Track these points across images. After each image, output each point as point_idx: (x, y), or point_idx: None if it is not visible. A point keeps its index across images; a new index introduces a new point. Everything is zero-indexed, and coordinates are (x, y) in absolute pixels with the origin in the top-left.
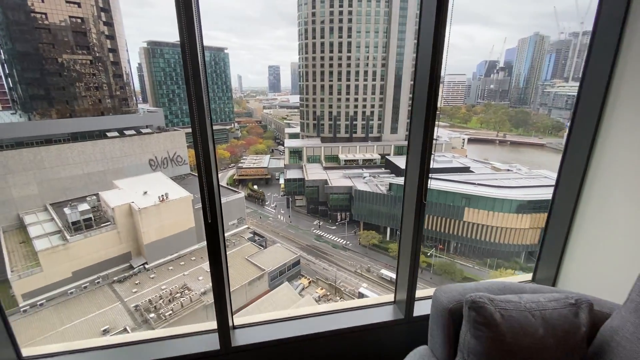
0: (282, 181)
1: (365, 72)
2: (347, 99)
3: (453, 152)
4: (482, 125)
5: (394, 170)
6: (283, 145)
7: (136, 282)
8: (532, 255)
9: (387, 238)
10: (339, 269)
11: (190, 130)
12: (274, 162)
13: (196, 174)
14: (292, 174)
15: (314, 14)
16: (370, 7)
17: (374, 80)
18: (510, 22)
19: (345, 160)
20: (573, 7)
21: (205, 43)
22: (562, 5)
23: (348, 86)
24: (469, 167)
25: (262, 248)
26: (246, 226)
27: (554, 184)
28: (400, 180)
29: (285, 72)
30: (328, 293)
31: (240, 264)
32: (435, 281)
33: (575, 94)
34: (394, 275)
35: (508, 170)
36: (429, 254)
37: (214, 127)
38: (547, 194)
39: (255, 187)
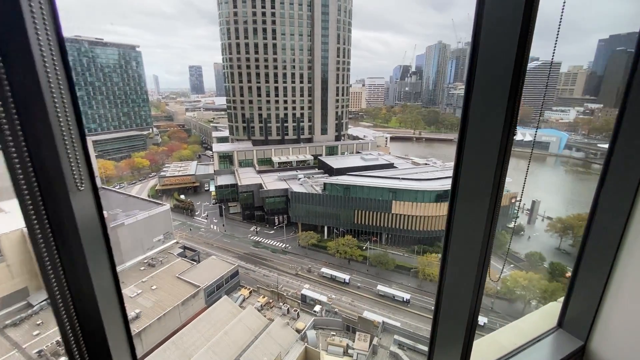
0: (212, 188)
1: (293, 75)
2: (277, 101)
3: (378, 150)
4: (401, 124)
5: (327, 170)
6: (211, 150)
7: (38, 322)
8: None
9: (325, 237)
10: (280, 273)
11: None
12: (202, 168)
13: (112, 188)
14: (224, 179)
15: (235, 14)
16: (293, 10)
17: (301, 82)
18: (419, 31)
19: (279, 163)
20: (467, 20)
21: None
22: (458, 18)
23: (277, 88)
24: (393, 163)
25: (195, 263)
26: (174, 241)
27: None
28: (334, 179)
29: (209, 73)
30: (270, 300)
31: (170, 283)
32: (371, 272)
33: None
34: (335, 274)
35: (426, 164)
36: (364, 248)
37: (128, 133)
38: None
39: (182, 196)
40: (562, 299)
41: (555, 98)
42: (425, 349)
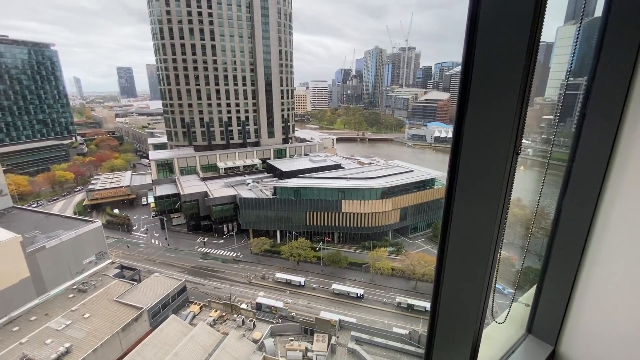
0: (151, 200)
1: (235, 77)
2: (219, 104)
3: (326, 152)
4: (345, 125)
5: (277, 173)
6: (148, 159)
7: None
8: (398, 233)
9: (278, 241)
10: (232, 284)
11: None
12: (138, 178)
13: (27, 207)
14: (164, 189)
15: (168, 13)
16: (232, 11)
17: (244, 85)
18: (357, 36)
19: (225, 169)
20: (399, 27)
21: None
22: (392, 25)
23: (218, 91)
24: (340, 164)
25: (136, 283)
26: (109, 261)
27: (405, 171)
28: (284, 182)
29: (141, 75)
30: (224, 313)
31: (107, 308)
32: (326, 272)
33: (410, 97)
34: (290, 277)
35: (370, 163)
36: (317, 249)
37: (46, 143)
38: (402, 180)
39: (117, 211)
40: (528, 302)
41: None
42: (382, 340)
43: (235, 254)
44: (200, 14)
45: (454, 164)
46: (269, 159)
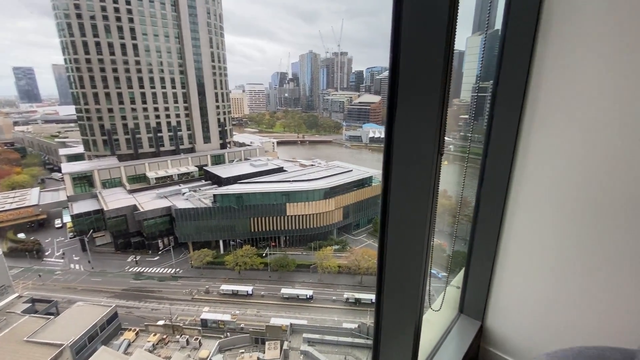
0: (68, 219)
1: (163, 79)
2: (146, 109)
3: (267, 156)
4: (285, 129)
5: (216, 180)
6: (60, 172)
7: None
8: (342, 230)
9: (222, 251)
10: (173, 302)
11: None
12: (48, 195)
13: None
14: (83, 206)
15: (77, 7)
16: (155, 8)
17: (174, 88)
18: (291, 40)
19: (156, 179)
20: (331, 32)
21: None
22: (324, 30)
23: (144, 94)
24: (283, 167)
25: (53, 317)
26: (16, 295)
27: (345, 170)
28: (224, 190)
29: (46, 77)
30: (164, 336)
31: (15, 352)
32: (274, 278)
33: (345, 100)
34: (236, 288)
35: (312, 165)
36: (264, 255)
37: None
38: (342, 179)
39: (22, 235)
40: (458, 285)
41: None
42: (333, 338)
43: (174, 270)
44: (117, 9)
45: (388, 163)
46: (206, 165)
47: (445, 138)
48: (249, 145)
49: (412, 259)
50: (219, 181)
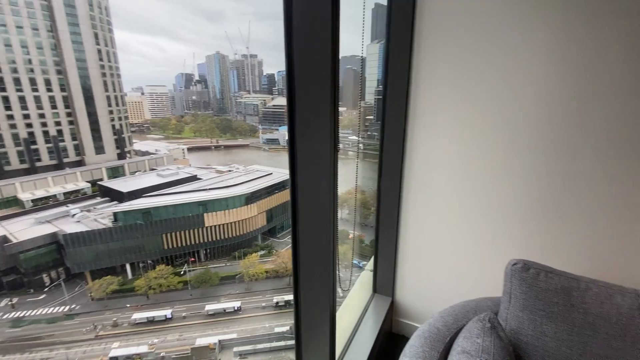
0: None
1: (33, 80)
2: (11, 116)
3: (177, 164)
4: (196, 133)
5: (116, 196)
6: None
7: None
8: (267, 235)
9: (130, 276)
10: (70, 346)
11: None
12: None
13: None
14: None
15: None
16: None
17: (50, 90)
18: (196, 39)
19: (33, 201)
20: (238, 33)
21: None
22: (232, 31)
23: (7, 98)
24: (196, 175)
25: None
26: None
27: (265, 174)
28: (127, 206)
29: None
30: None
31: None
32: (196, 295)
33: (259, 103)
34: (152, 314)
35: (229, 170)
36: (182, 273)
37: None
38: (263, 183)
39: None
40: (371, 268)
41: None
42: (266, 345)
43: (68, 306)
44: None
45: (293, 164)
46: (102, 179)
47: (354, 137)
48: (154, 153)
49: (321, 251)
50: (119, 197)
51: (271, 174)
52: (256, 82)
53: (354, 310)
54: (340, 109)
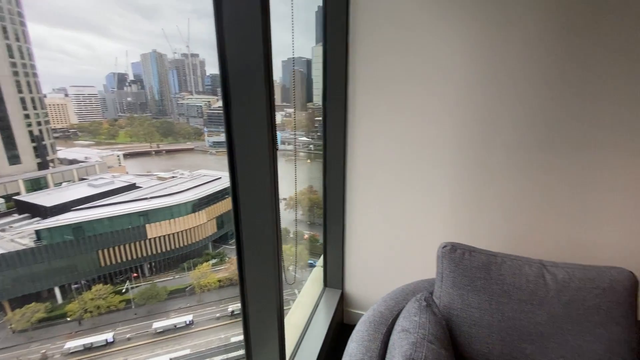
0: None
1: None
2: None
3: (112, 172)
4: (133, 138)
5: (38, 211)
6: None
7: None
8: (218, 242)
9: (60, 301)
10: None
11: None
12: None
13: None
14: None
15: None
16: None
17: None
18: (128, 37)
19: None
20: (177, 31)
21: None
22: (169, 29)
23: None
24: (135, 184)
25: None
26: None
27: (213, 179)
28: (52, 222)
29: None
30: None
31: None
32: (142, 313)
33: (203, 104)
34: (89, 340)
35: (173, 177)
36: (124, 291)
37: None
38: (211, 188)
39: None
40: (321, 264)
41: None
42: (222, 357)
43: None
44: None
45: (232, 166)
46: (19, 194)
47: (305, 138)
48: (83, 161)
49: (264, 253)
50: (43, 212)
51: (220, 178)
52: (199, 83)
53: (306, 306)
54: (290, 110)
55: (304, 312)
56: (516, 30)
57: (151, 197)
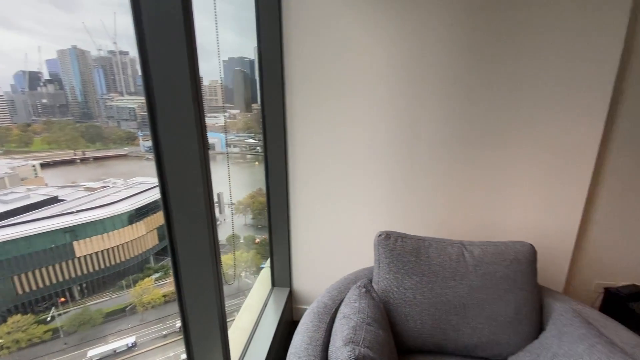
0: None
1: None
2: None
3: (26, 185)
4: (52, 145)
5: None
6: None
7: None
8: (161, 254)
9: None
10: None
11: None
12: None
13: None
14: None
15: None
16: None
17: None
18: (42, 30)
19: None
20: (102, 26)
21: None
22: (92, 23)
23: None
24: (57, 197)
25: None
26: None
27: (151, 186)
28: None
29: None
30: None
31: None
32: (73, 342)
33: (136, 106)
34: None
35: (104, 187)
36: (49, 319)
37: None
38: (150, 197)
39: None
40: (269, 265)
41: (207, 106)
42: None
43: None
44: None
45: (161, 172)
46: None
47: (252, 140)
48: None
49: (201, 260)
50: None
51: (159, 185)
52: (130, 83)
53: (254, 308)
54: (234, 111)
55: (252, 314)
56: (434, 42)
57: (78, 211)
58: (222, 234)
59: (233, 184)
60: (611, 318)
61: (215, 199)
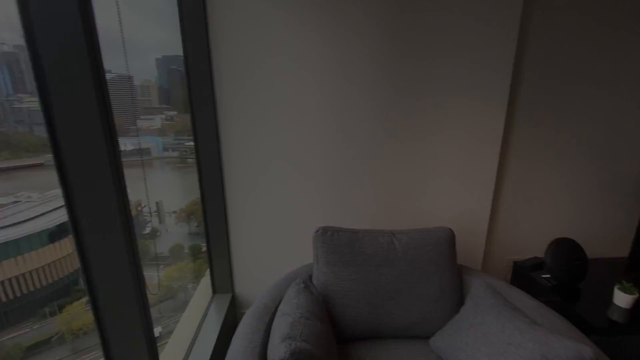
0: None
1: None
2: None
3: None
4: None
5: None
6: None
7: None
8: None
9: None
10: None
11: None
12: None
13: None
14: None
15: None
16: None
17: None
18: None
19: None
20: (3, 19)
21: None
22: None
23: None
24: None
25: None
26: None
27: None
28: None
29: None
30: None
31: None
32: None
33: None
34: None
35: (15, 202)
36: None
37: None
38: None
39: None
40: (208, 272)
41: (140, 108)
42: None
43: None
44: None
45: (64, 179)
46: None
47: (193, 143)
48: None
49: (120, 275)
50: None
51: None
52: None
53: (194, 318)
54: (171, 112)
55: (191, 325)
56: (360, 45)
57: None
58: (165, 245)
59: (174, 190)
60: (516, 287)
61: (154, 208)
